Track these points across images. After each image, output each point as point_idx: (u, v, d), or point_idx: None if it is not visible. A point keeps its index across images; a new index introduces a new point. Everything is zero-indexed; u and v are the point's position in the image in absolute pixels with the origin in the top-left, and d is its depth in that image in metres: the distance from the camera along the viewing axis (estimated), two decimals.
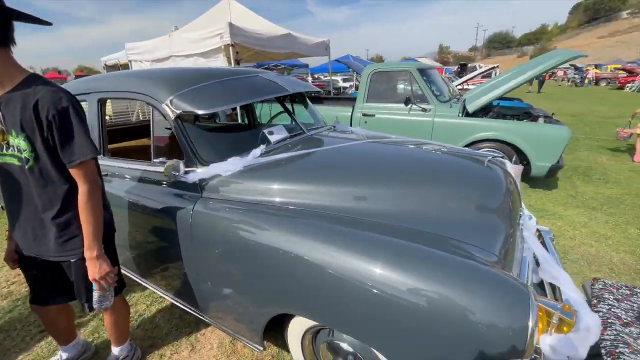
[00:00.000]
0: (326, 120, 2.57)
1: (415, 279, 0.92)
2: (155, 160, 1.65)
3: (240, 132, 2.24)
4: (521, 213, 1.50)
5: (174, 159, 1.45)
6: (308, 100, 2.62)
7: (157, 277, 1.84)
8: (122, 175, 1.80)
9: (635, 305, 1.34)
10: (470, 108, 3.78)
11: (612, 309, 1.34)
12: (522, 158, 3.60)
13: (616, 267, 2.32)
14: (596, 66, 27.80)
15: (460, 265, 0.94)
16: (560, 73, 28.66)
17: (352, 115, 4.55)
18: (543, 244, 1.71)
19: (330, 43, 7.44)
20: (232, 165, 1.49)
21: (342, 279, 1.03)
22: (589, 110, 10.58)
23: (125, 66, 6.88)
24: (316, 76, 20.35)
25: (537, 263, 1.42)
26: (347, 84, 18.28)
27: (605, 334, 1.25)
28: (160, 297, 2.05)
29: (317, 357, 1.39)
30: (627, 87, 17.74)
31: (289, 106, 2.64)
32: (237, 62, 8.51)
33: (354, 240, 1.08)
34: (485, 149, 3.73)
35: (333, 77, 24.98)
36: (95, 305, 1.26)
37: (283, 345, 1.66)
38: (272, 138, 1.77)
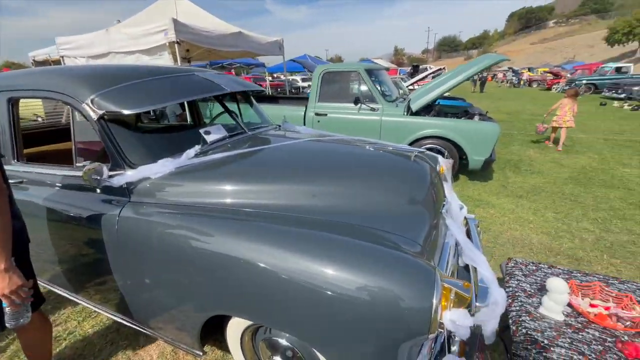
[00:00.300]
0: (278, 119, 2.58)
1: (332, 268, 0.98)
2: (78, 164, 1.53)
3: (174, 133, 2.15)
4: (444, 203, 1.63)
5: (95, 163, 1.36)
6: (253, 100, 2.60)
7: (89, 291, 1.72)
8: (41, 182, 1.65)
9: (538, 278, 1.54)
10: (414, 107, 4.01)
11: (520, 284, 1.52)
12: (461, 153, 3.91)
13: (535, 247, 2.62)
14: (529, 69, 31.05)
15: (375, 252, 1.01)
16: (500, 75, 31.52)
17: (305, 114, 4.59)
18: (470, 231, 1.88)
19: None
20: (163, 167, 1.44)
21: (271, 276, 1.04)
22: (522, 108, 11.76)
23: (57, 62, 6.25)
24: (275, 75, 20.15)
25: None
26: (306, 84, 18.34)
27: (513, 305, 1.41)
28: (94, 311, 1.91)
29: (257, 355, 1.40)
30: (554, 88, 20.00)
31: (233, 106, 2.60)
32: (188, 61, 8.17)
33: (281, 238, 1.10)
34: (429, 145, 4.00)
35: (293, 77, 24.94)
36: (7, 324, 1.14)
37: (226, 348, 1.63)
38: (209, 138, 1.73)
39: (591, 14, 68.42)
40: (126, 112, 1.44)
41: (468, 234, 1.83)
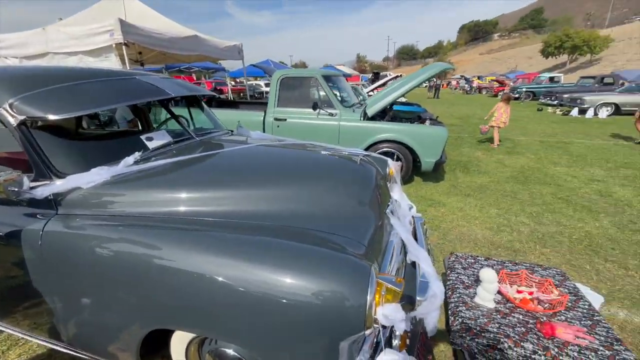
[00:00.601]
0: (233, 125, 2.55)
1: (269, 273, 0.98)
2: None
3: (112, 140, 2.03)
4: (389, 203, 1.70)
5: (14, 172, 1.24)
6: (204, 104, 2.53)
7: (15, 317, 1.54)
8: None
9: (475, 270, 1.66)
10: (369, 112, 4.17)
11: (460, 276, 1.63)
12: (414, 156, 4.12)
13: (479, 242, 2.82)
14: (479, 77, 33.69)
15: (312, 254, 1.03)
16: (454, 82, 33.78)
17: (264, 119, 4.56)
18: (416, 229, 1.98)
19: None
20: (97, 175, 1.35)
21: (209, 285, 1.02)
22: (473, 113, 12.68)
23: None
24: (238, 80, 19.79)
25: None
26: (269, 89, 18.15)
27: (452, 297, 1.51)
28: (21, 338, 1.72)
29: None
30: (500, 94, 21.80)
31: (183, 111, 2.52)
32: (141, 64, 7.76)
33: (219, 245, 1.09)
34: (385, 149, 4.16)
35: (256, 82, 24.60)
36: None
37: None
38: (151, 144, 1.65)
39: (529, 28, 76.09)
40: (52, 117, 1.33)
41: (416, 233, 1.94)
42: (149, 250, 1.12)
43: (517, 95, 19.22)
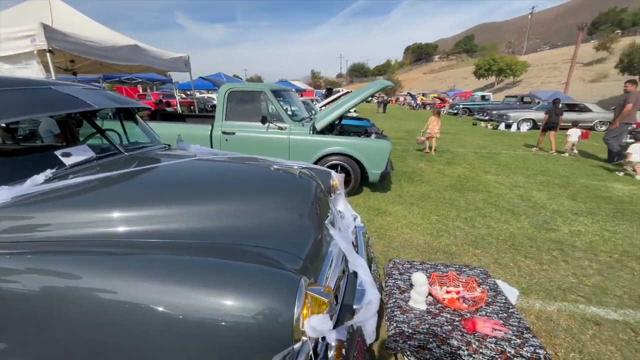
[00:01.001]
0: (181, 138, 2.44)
1: (191, 294, 0.93)
2: None
3: (20, 156, 1.80)
4: (329, 214, 1.74)
5: None
6: (138, 117, 2.39)
7: None
8: None
9: (411, 275, 1.74)
10: (318, 126, 4.27)
11: (397, 282, 1.71)
12: (362, 168, 4.29)
13: (421, 247, 2.99)
14: (423, 94, 36.61)
15: (237, 270, 1.01)
16: (401, 99, 36.23)
17: (211, 133, 4.42)
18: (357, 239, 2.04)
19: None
20: None
21: (120, 312, 0.94)
22: (418, 127, 13.61)
23: None
24: (189, 93, 19.05)
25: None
26: None
27: (389, 303, 1.57)
28: None
29: None
30: (442, 110, 23.89)
31: (116, 124, 2.35)
32: (73, 73, 7.08)
33: (136, 267, 1.01)
34: (334, 161, 4.28)
35: (209, 95, 23.81)
36: None
37: None
38: (69, 160, 1.50)
39: (463, 52, 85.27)
40: None
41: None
42: (61, 280, 1.00)
43: (456, 111, 21.22)
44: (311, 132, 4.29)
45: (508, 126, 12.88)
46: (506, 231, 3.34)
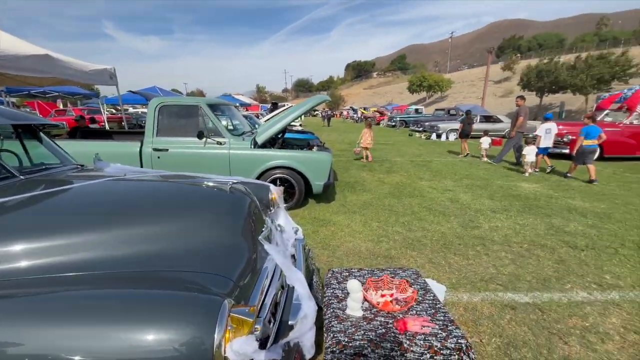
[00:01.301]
0: (105, 157, 2.18)
1: (103, 331, 0.82)
2: None
3: None
4: (264, 229, 1.70)
5: None
6: (43, 136, 2.10)
7: None
8: None
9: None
10: (259, 140, 4.23)
11: (335, 291, 1.72)
12: (306, 180, 4.32)
13: (363, 254, 3.09)
14: (364, 108, 38.81)
15: (154, 301, 0.92)
16: (345, 113, 37.90)
17: (141, 150, 4.08)
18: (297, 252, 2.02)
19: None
20: None
21: None
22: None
23: None
24: (119, 107, 17.43)
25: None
26: None
27: (327, 313, 1.57)
28: None
29: None
30: (381, 123, 25.55)
31: (15, 144, 2.03)
32: None
33: (46, 308, 0.86)
34: (278, 175, 4.25)
35: (143, 110, 22.06)
36: None
37: None
38: None
39: (398, 70, 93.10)
40: None
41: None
42: None
43: (394, 124, 22.84)
44: (252, 146, 4.22)
45: (438, 136, 14.24)
46: (438, 232, 3.63)
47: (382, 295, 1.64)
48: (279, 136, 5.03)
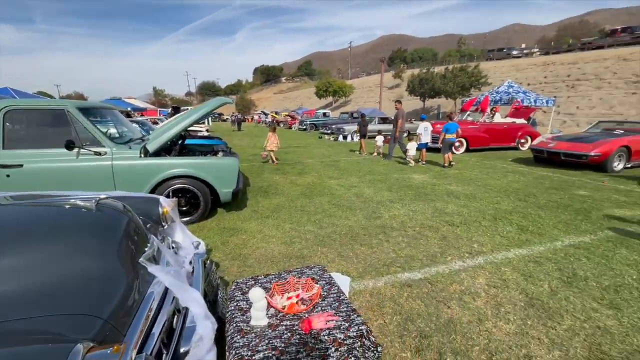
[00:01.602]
0: None
1: None
2: None
3: None
4: (147, 249, 1.47)
5: None
6: None
7: None
8: None
9: None
10: (151, 148, 3.73)
11: (239, 304, 1.61)
12: (212, 188, 4.01)
13: (276, 258, 3.03)
14: (276, 113, 38.94)
15: None
16: (256, 117, 37.28)
17: None
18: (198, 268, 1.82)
19: None
20: None
21: None
22: None
23: None
24: None
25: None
26: None
27: (229, 330, 1.45)
28: None
29: None
30: (293, 127, 26.01)
31: None
32: None
33: None
34: (178, 185, 3.83)
35: None
36: None
37: None
38: None
39: (305, 75, 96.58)
40: None
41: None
42: None
43: (305, 127, 23.52)
44: (142, 155, 3.69)
45: (345, 137, 15.29)
46: (346, 226, 3.85)
47: (289, 298, 1.61)
48: (179, 142, 4.56)
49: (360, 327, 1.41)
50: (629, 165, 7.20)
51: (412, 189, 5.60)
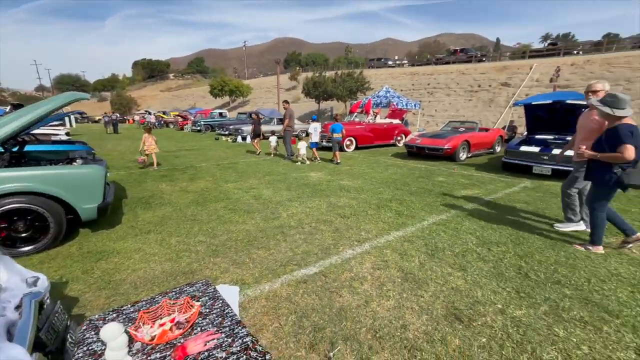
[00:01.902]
0: None
1: None
2: None
3: None
4: None
5: None
6: None
7: None
8: None
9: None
10: None
11: (91, 347, 1.29)
12: (66, 206, 3.21)
13: (158, 279, 2.63)
14: (164, 113, 34.66)
15: None
16: (138, 118, 32.39)
17: None
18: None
19: None
20: None
21: None
22: (160, 146, 12.57)
23: None
24: None
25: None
26: None
27: None
28: None
29: None
30: (185, 128, 23.63)
31: None
32: None
33: None
34: (12, 206, 2.91)
35: None
36: None
37: None
38: None
39: (197, 73, 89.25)
40: None
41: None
42: None
43: (199, 128, 21.69)
44: None
45: (243, 138, 14.79)
46: (243, 231, 3.67)
47: (161, 325, 1.38)
48: (10, 149, 3.47)
49: (244, 340, 1.32)
50: (470, 155, 9.30)
51: (310, 187, 5.80)
